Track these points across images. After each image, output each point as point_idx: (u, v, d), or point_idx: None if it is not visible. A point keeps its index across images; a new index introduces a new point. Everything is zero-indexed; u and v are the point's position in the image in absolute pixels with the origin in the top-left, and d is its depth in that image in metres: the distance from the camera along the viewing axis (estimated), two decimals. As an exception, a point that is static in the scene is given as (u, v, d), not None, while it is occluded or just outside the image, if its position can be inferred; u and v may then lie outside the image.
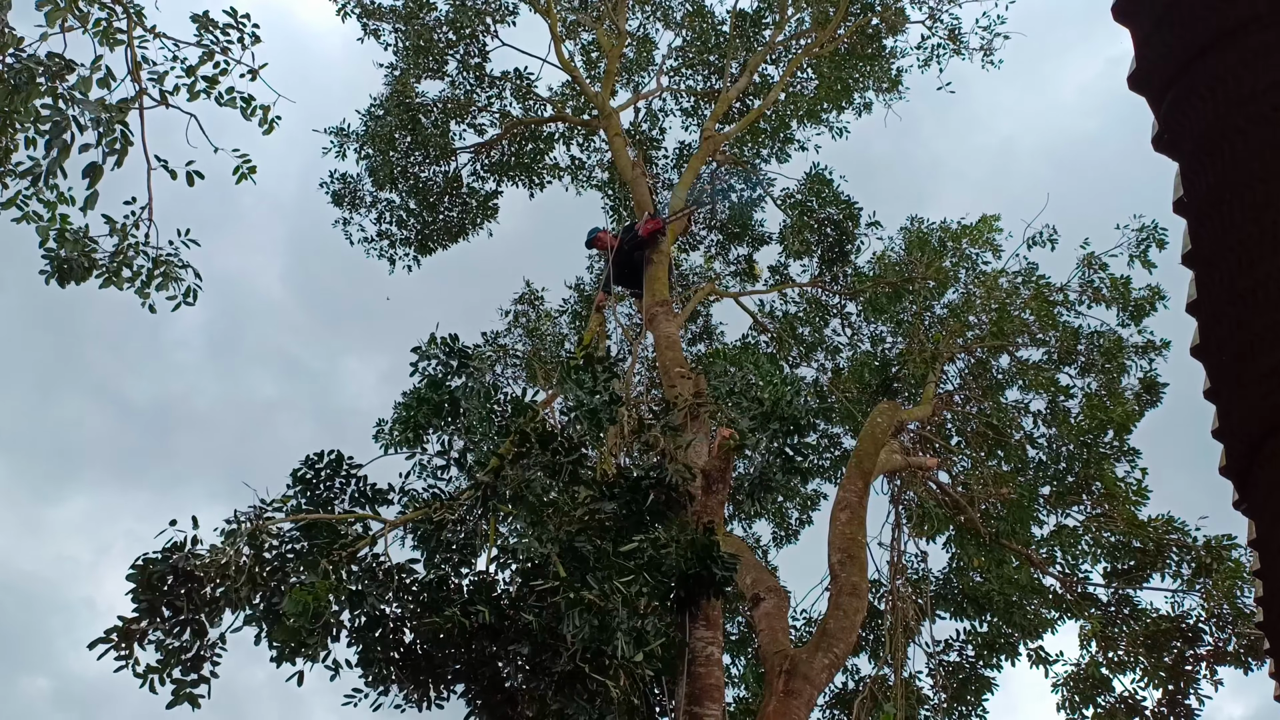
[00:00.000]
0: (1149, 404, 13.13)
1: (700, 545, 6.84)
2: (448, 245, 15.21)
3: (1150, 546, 11.82)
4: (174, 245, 7.70)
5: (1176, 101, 2.51)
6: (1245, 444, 3.41)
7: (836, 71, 15.30)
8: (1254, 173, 2.59)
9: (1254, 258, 2.81)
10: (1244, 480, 3.55)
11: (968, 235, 14.11)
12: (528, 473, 6.30)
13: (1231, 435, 3.37)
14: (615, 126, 13.36)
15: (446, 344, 7.22)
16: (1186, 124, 2.55)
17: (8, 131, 6.56)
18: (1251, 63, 2.39)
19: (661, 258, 10.71)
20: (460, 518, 6.60)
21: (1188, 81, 2.47)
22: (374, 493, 7.07)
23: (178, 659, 6.39)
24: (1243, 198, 2.66)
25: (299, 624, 6.00)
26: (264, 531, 6.63)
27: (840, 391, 13.91)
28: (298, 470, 7.00)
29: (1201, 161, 2.62)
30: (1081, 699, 12.12)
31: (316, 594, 5.99)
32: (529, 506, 6.21)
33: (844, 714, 11.94)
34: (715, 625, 7.57)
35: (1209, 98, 2.49)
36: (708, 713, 7.07)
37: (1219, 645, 11.21)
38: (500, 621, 6.18)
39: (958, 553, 13.14)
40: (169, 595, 6.39)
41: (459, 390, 6.99)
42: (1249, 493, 3.58)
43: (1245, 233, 2.76)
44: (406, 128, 14.42)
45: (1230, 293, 2.93)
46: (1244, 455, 3.45)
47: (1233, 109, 2.49)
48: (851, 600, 8.60)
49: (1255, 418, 3.31)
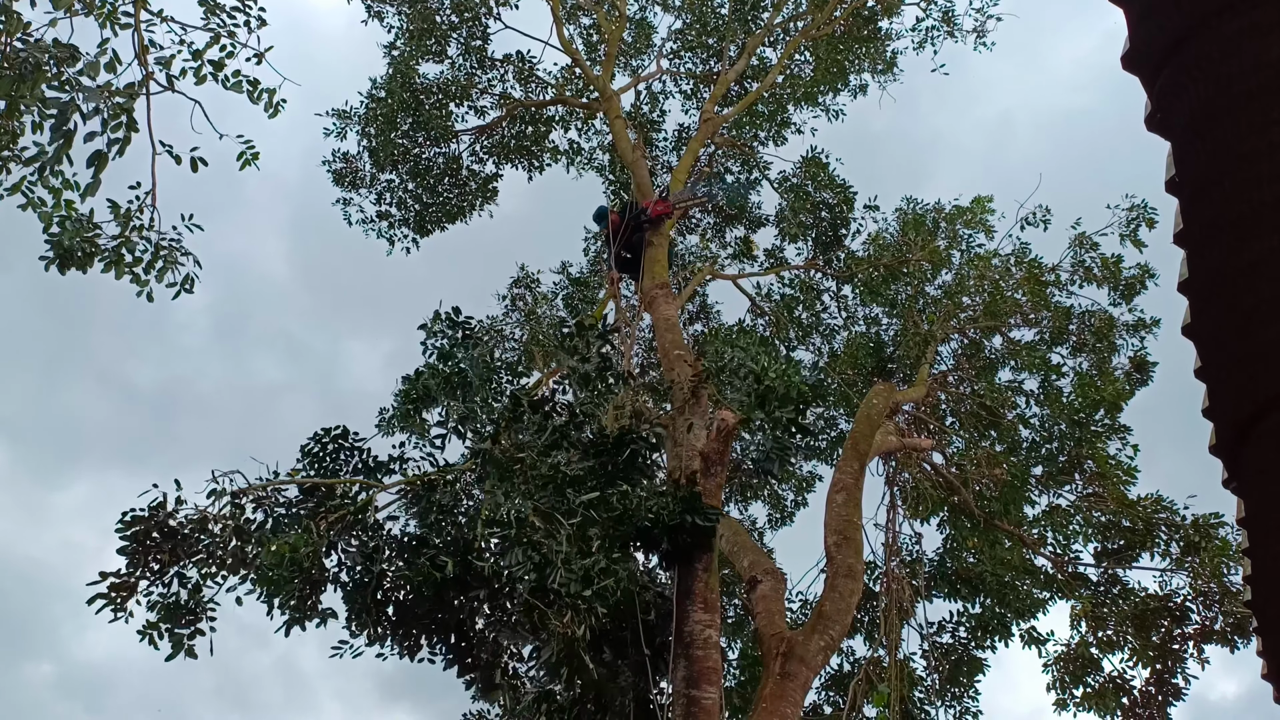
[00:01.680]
0: (1139, 382, 13.26)
1: (682, 496, 7.06)
2: (445, 227, 15.23)
3: (1140, 525, 11.94)
4: (177, 231, 7.73)
5: (1169, 81, 2.53)
6: (1235, 423, 3.42)
7: (833, 54, 15.33)
8: (1245, 153, 2.61)
9: (1245, 237, 2.82)
10: (1234, 459, 3.57)
11: (961, 216, 14.17)
12: (520, 436, 6.50)
13: (1221, 414, 3.38)
14: (616, 109, 13.39)
15: (450, 318, 7.50)
16: (1179, 103, 2.56)
17: (14, 117, 6.56)
18: (1243, 43, 2.41)
19: (661, 240, 10.76)
20: (453, 480, 6.87)
21: (1180, 61, 2.48)
22: (376, 464, 7.48)
23: (175, 614, 6.73)
24: (1234, 177, 2.68)
25: (278, 575, 6.38)
26: (247, 494, 7.04)
27: (836, 373, 14.00)
28: (306, 445, 7.37)
29: (1193, 141, 2.63)
30: (1072, 679, 12.26)
31: (294, 545, 6.37)
32: (499, 465, 6.48)
33: (840, 696, 12.05)
34: (713, 608, 7.64)
35: (1201, 78, 2.50)
36: (705, 695, 7.15)
37: (1206, 624, 11.34)
38: (465, 573, 6.50)
39: (951, 534, 13.26)
40: (156, 549, 6.76)
41: (465, 360, 7.24)
42: (1238, 471, 3.59)
43: (1236, 212, 2.78)
44: (408, 109, 14.42)
45: (1221, 272, 2.95)
46: (1234, 434, 3.47)
47: (1224, 89, 2.51)
48: (847, 582, 8.69)
49: (1245, 397, 3.32)
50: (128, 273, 7.51)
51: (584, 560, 6.13)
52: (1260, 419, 3.40)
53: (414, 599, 6.66)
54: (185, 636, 6.81)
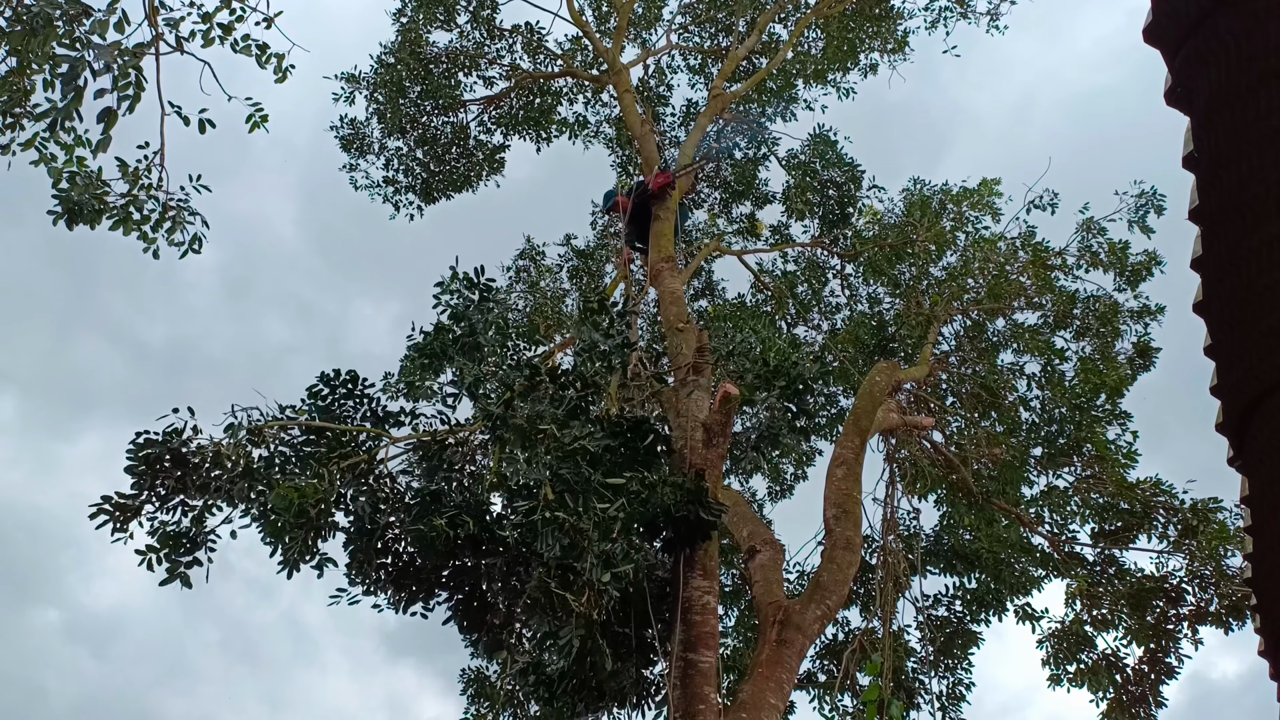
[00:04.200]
0: (1142, 368, 13.28)
1: (689, 489, 7.08)
2: (451, 195, 15.21)
3: (1138, 508, 12.02)
4: (185, 191, 7.75)
5: (1191, 56, 2.53)
6: (1243, 401, 3.44)
7: (843, 32, 15.25)
8: (1264, 131, 2.62)
9: (1260, 216, 2.83)
10: (1240, 437, 3.61)
11: (968, 198, 14.15)
12: (538, 406, 6.51)
13: (1229, 392, 3.40)
14: (625, 82, 13.34)
15: (469, 278, 7.38)
16: (1200, 79, 2.56)
17: (25, 74, 6.56)
18: (1268, 20, 2.41)
19: (667, 214, 10.77)
20: (464, 440, 6.86)
21: (1203, 37, 2.48)
22: (385, 414, 7.38)
23: (176, 543, 6.75)
24: (1251, 156, 2.68)
25: (283, 520, 6.35)
26: (262, 431, 6.99)
27: (838, 351, 14.04)
28: (313, 387, 7.27)
29: (1213, 118, 2.64)
30: (1065, 655, 12.39)
31: (303, 493, 6.33)
32: (520, 433, 6.46)
33: (834, 664, 12.20)
34: (712, 575, 7.75)
35: (1224, 53, 2.50)
36: (702, 659, 7.28)
37: (1201, 605, 11.44)
38: (483, 535, 6.52)
39: (949, 511, 13.36)
40: (165, 475, 6.73)
41: (478, 322, 7.16)
42: (1244, 450, 3.61)
43: (1253, 191, 2.78)
44: (416, 76, 14.36)
45: (1235, 250, 2.95)
46: (1241, 413, 3.50)
47: (1246, 66, 2.51)
48: (845, 554, 8.78)
49: (1254, 375, 3.34)
50: (136, 230, 7.54)
51: (605, 545, 6.13)
52: (1267, 398, 3.43)
53: (422, 553, 6.64)
54: (183, 564, 6.85)
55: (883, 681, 9.36)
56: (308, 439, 7.13)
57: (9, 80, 6.67)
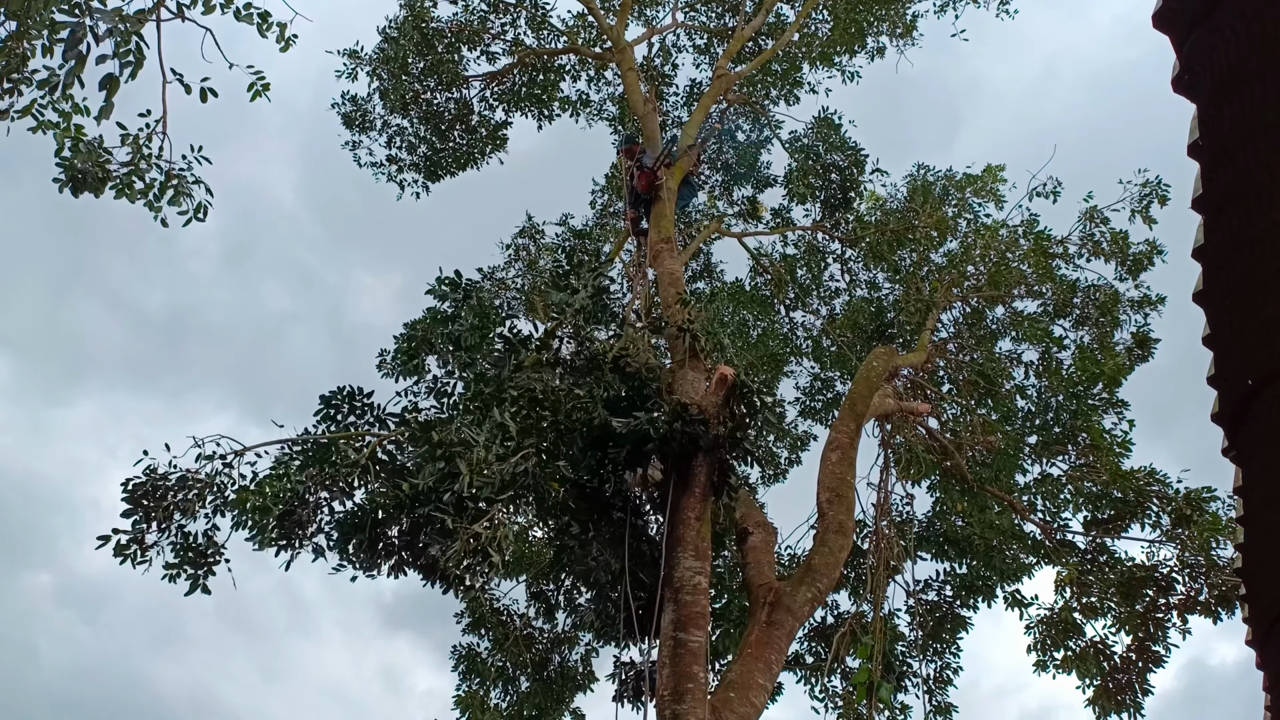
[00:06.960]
0: (1140, 358, 13.28)
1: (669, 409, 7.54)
2: (455, 173, 15.14)
3: (1131, 497, 12.05)
4: (186, 160, 7.71)
5: (1199, 43, 2.51)
6: (1240, 391, 3.43)
7: (851, 14, 15.14)
8: (1271, 119, 2.61)
9: (1264, 205, 2.82)
10: (1235, 427, 3.60)
11: (971, 184, 14.11)
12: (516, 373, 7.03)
13: (1227, 382, 3.39)
14: (629, 60, 13.26)
15: (452, 282, 8.01)
16: (1207, 66, 2.54)
17: (25, 40, 6.50)
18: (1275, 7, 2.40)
19: (668, 194, 10.74)
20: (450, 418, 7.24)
21: (1211, 23, 2.46)
22: (384, 414, 8.22)
23: (191, 559, 7.74)
24: (1258, 143, 2.67)
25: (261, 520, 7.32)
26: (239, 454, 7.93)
27: (836, 335, 14.04)
28: (319, 409, 8.13)
29: (1219, 105, 2.62)
30: (1053, 642, 12.47)
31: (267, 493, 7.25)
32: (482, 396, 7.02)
33: (823, 647, 12.27)
34: (704, 556, 7.81)
35: (1232, 41, 2.48)
36: (693, 638, 7.36)
37: (1191, 595, 11.50)
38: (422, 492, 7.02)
39: (942, 496, 13.40)
40: (155, 508, 7.66)
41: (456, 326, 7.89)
42: (1239, 439, 3.62)
43: (1257, 180, 2.77)
44: (419, 52, 14.25)
45: (1238, 239, 2.94)
46: (1238, 402, 3.49)
47: (1254, 53, 2.50)
48: (837, 538, 8.83)
49: (1251, 365, 3.33)
50: (140, 198, 7.54)
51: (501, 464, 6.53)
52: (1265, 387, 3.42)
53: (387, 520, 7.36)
54: (200, 575, 7.81)
55: (873, 665, 9.43)
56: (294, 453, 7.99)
57: (8, 45, 6.62)
